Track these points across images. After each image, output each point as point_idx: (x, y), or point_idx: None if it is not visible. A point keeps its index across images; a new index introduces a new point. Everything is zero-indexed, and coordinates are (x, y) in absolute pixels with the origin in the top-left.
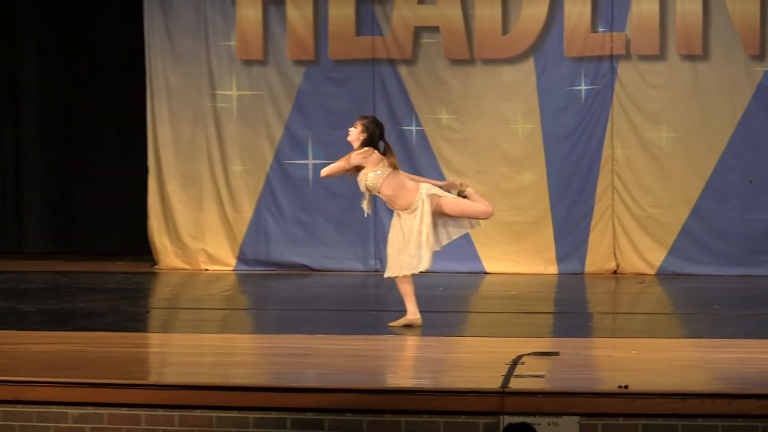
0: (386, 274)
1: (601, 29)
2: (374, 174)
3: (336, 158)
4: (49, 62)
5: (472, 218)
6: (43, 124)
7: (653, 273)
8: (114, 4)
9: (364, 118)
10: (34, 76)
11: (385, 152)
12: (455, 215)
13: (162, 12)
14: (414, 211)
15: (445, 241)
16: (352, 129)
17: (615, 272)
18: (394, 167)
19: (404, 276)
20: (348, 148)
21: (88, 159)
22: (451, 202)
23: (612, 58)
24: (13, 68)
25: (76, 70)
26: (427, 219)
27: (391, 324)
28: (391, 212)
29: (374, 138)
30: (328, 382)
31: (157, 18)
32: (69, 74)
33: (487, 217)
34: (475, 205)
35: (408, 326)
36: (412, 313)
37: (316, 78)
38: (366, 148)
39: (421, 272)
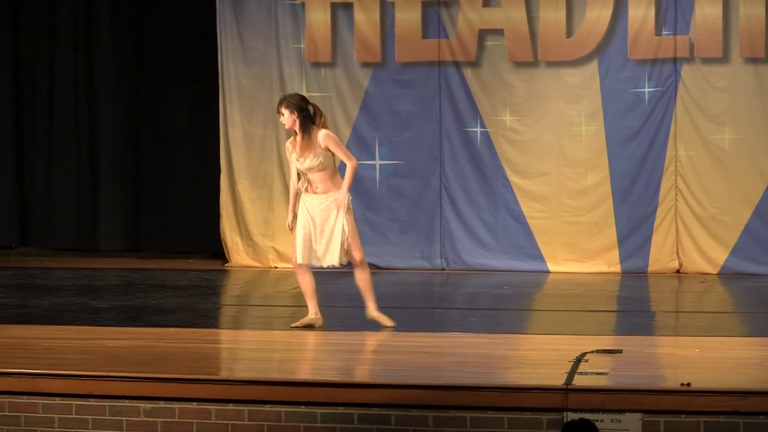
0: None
1: (665, 32)
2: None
3: (402, 159)
4: (124, 65)
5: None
6: (117, 126)
7: (716, 272)
8: (187, 10)
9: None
10: (109, 79)
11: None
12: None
13: (234, 17)
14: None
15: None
16: (283, 116)
17: (678, 271)
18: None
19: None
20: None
21: (162, 159)
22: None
23: (675, 60)
24: (89, 72)
25: (149, 73)
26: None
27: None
28: (456, 212)
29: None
30: (394, 378)
31: (230, 23)
32: (143, 76)
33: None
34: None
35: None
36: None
37: (383, 80)
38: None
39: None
